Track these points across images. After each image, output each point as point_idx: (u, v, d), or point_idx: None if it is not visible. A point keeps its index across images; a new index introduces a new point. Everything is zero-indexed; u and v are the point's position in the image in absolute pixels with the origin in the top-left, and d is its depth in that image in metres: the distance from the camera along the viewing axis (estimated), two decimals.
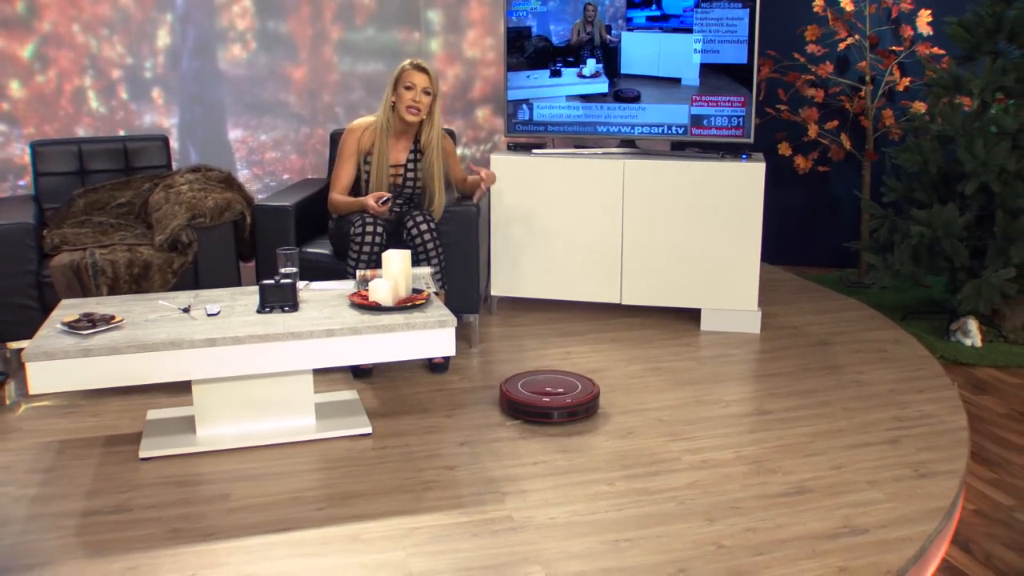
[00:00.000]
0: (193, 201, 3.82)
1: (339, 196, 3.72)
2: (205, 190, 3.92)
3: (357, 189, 3.78)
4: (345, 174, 3.72)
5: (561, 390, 3.09)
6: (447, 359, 3.60)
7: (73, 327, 2.76)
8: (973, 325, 4.38)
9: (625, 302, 4.22)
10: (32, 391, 2.57)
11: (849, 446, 2.92)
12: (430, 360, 3.59)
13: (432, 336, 2.82)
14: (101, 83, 4.68)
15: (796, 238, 5.79)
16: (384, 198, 3.52)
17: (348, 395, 3.27)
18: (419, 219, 3.51)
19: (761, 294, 4.70)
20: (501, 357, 3.74)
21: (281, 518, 2.46)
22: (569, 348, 3.85)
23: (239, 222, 3.86)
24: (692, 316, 4.27)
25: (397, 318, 2.83)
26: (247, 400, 2.93)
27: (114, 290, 3.59)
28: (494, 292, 4.34)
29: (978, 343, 4.35)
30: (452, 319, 2.83)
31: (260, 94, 4.95)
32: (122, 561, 2.27)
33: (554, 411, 2.99)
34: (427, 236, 3.49)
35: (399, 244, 3.58)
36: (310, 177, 4.64)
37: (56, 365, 2.59)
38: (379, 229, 3.51)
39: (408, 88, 3.56)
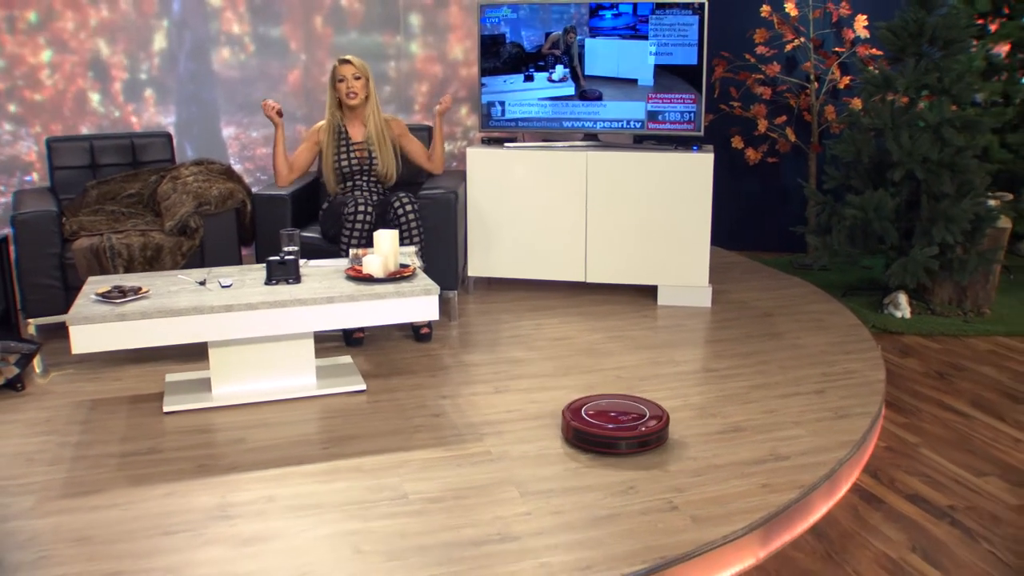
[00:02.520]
0: (199, 191, 4.22)
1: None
2: (209, 181, 4.33)
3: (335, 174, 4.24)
4: (299, 153, 4.22)
5: (631, 416, 2.91)
6: (431, 329, 4.02)
7: (106, 297, 3.16)
8: (903, 299, 4.86)
9: (590, 280, 4.66)
10: (74, 351, 2.97)
11: (781, 396, 3.38)
12: (415, 330, 4.02)
13: (418, 302, 3.25)
14: (103, 85, 5.07)
15: (749, 224, 6.26)
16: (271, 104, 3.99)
17: (344, 359, 3.69)
18: (404, 200, 3.95)
19: (714, 275, 5.17)
20: (479, 329, 4.18)
21: (293, 455, 2.88)
22: (540, 321, 4.30)
23: (240, 209, 4.27)
24: (650, 292, 4.73)
25: (388, 287, 3.26)
26: (257, 362, 3.35)
27: (129, 270, 3.99)
28: (471, 272, 4.77)
29: (907, 315, 4.84)
30: (436, 288, 3.27)
31: (251, 94, 5.34)
32: (161, 488, 2.68)
33: (622, 440, 2.79)
34: (411, 216, 3.93)
35: (384, 224, 4.00)
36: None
37: (95, 328, 2.99)
38: (369, 210, 3.93)
39: (341, 80, 4.10)
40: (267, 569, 2.24)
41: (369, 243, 3.92)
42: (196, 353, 3.83)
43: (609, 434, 2.78)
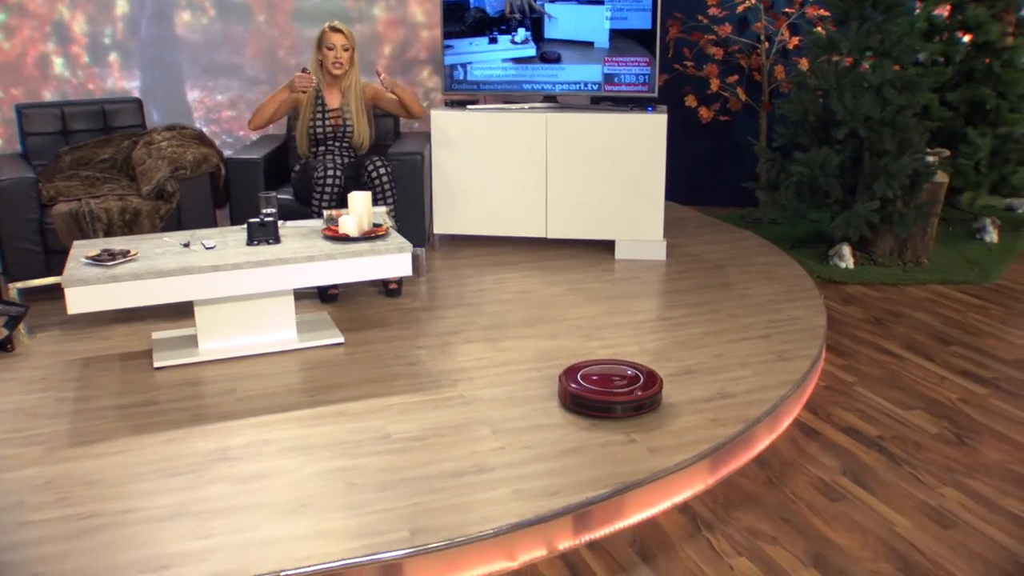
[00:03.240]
0: (174, 156, 4.45)
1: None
2: (183, 146, 4.56)
3: (307, 142, 4.48)
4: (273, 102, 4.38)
5: (624, 381, 3.08)
6: (400, 285, 4.32)
7: (97, 260, 3.41)
8: (847, 250, 5.25)
9: (550, 236, 4.98)
10: (70, 311, 3.23)
11: (729, 341, 3.74)
12: (386, 286, 4.31)
13: (393, 259, 3.54)
14: (63, 49, 5.20)
15: (703, 181, 6.61)
16: (303, 72, 4.19)
17: (321, 315, 3.98)
18: (378, 163, 4.22)
19: (669, 229, 5.50)
20: (446, 284, 4.49)
21: (281, 403, 3.18)
22: (503, 276, 4.62)
23: (215, 173, 4.51)
24: (608, 247, 5.06)
25: (364, 246, 3.55)
26: (240, 318, 3.62)
27: (108, 234, 4.21)
28: (436, 230, 5.07)
29: (851, 265, 5.23)
30: (409, 245, 3.56)
31: (215, 57, 5.52)
32: (161, 436, 2.97)
33: (618, 405, 2.98)
34: (385, 178, 4.21)
35: (357, 186, 4.28)
36: (271, 133, 5.26)
37: (89, 290, 3.25)
38: (338, 173, 4.20)
39: (330, 48, 4.36)
40: (270, 502, 2.55)
41: (340, 205, 4.19)
42: (178, 312, 4.09)
43: (605, 398, 2.99)
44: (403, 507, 2.49)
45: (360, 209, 3.65)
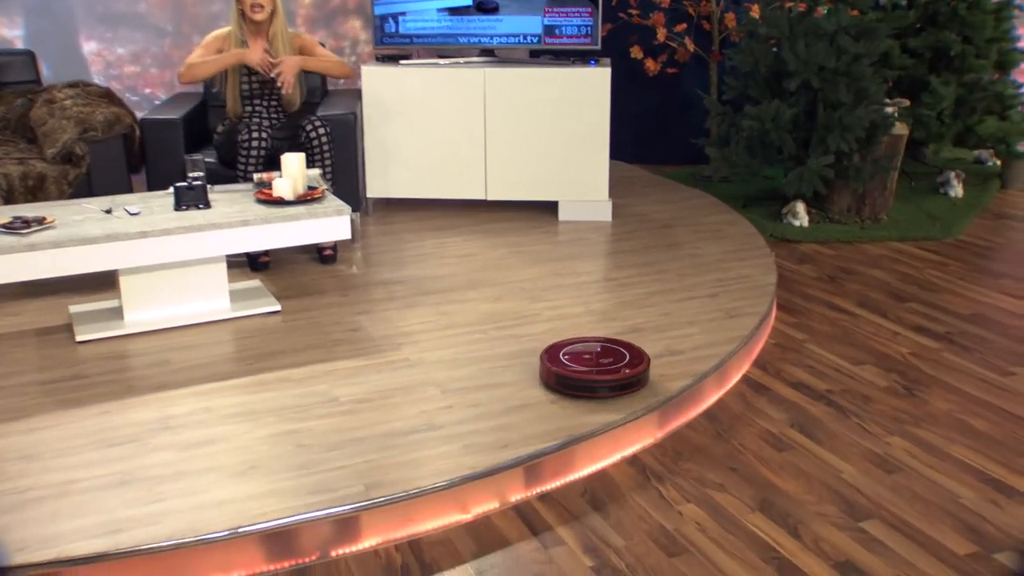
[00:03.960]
0: (81, 116, 4.71)
1: (198, 56, 4.53)
2: (90, 105, 4.82)
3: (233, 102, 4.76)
4: (210, 51, 4.56)
5: (610, 360, 3.34)
6: (336, 252, 4.66)
7: (10, 228, 3.68)
8: (801, 208, 5.71)
9: (490, 198, 5.36)
10: None
11: (677, 300, 4.16)
12: (320, 253, 4.65)
13: (331, 223, 3.88)
14: None
15: (651, 138, 7.03)
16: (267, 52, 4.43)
17: (253, 283, 4.31)
18: (317, 124, 4.54)
19: (615, 189, 5.92)
20: (382, 249, 4.84)
21: (220, 372, 3.51)
22: (442, 240, 4.98)
23: (128, 135, 4.79)
24: (551, 208, 5.46)
25: (300, 209, 3.88)
26: (169, 287, 3.93)
27: (9, 201, 4.44)
28: (369, 194, 5.41)
29: (805, 223, 5.69)
30: (347, 208, 3.91)
31: (112, 5, 5.66)
32: (95, 408, 3.27)
33: (603, 384, 3.23)
34: (324, 140, 4.53)
35: (289, 148, 4.59)
36: (187, 91, 5.52)
37: (4, 260, 3.52)
38: (264, 135, 4.50)
39: None
40: (219, 465, 2.89)
41: (267, 168, 4.50)
42: (94, 284, 4.38)
43: (590, 378, 3.23)
44: (356, 464, 2.85)
45: (294, 171, 3.98)
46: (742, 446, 3.23)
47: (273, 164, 4.49)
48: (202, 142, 5.05)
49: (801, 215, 5.68)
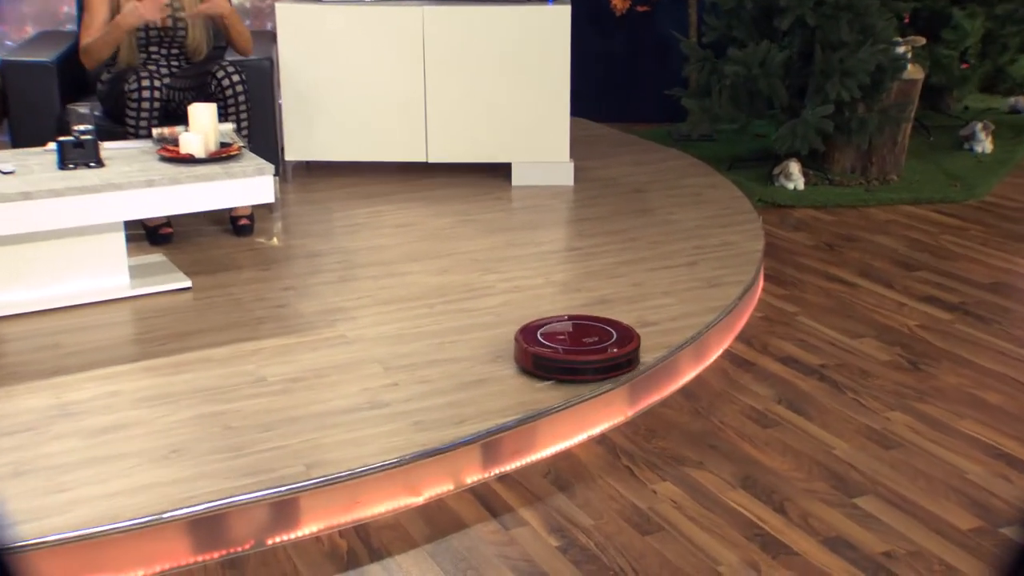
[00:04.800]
0: None
1: (91, 30, 4.84)
2: None
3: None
4: (100, 15, 4.87)
5: (595, 339, 3.69)
6: (253, 221, 5.03)
7: None
8: (795, 168, 6.15)
9: (432, 160, 5.75)
10: None
11: (649, 269, 4.59)
12: (234, 223, 5.01)
13: (252, 184, 4.25)
14: None
15: (619, 90, 7.45)
16: None
17: (156, 257, 4.66)
18: (231, 70, 4.89)
19: (577, 149, 6.31)
20: (307, 219, 5.23)
21: (126, 354, 3.86)
22: (377, 208, 5.38)
23: None
24: (503, 171, 5.86)
25: (215, 168, 4.25)
26: (55, 261, 4.24)
27: None
28: (288, 157, 5.77)
29: (801, 186, 6.13)
30: (270, 167, 4.27)
31: None
32: None
33: (589, 366, 3.59)
34: (239, 89, 4.89)
35: (195, 99, 4.91)
36: (57, 29, 5.79)
37: None
38: (156, 83, 4.83)
39: None
40: (134, 451, 3.24)
41: (163, 123, 4.83)
42: None
43: (573, 358, 3.56)
44: (294, 444, 3.23)
45: (205, 125, 4.34)
46: (722, 423, 3.65)
47: (170, 119, 4.81)
48: (82, 91, 5.29)
49: (795, 177, 6.11)
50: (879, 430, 3.63)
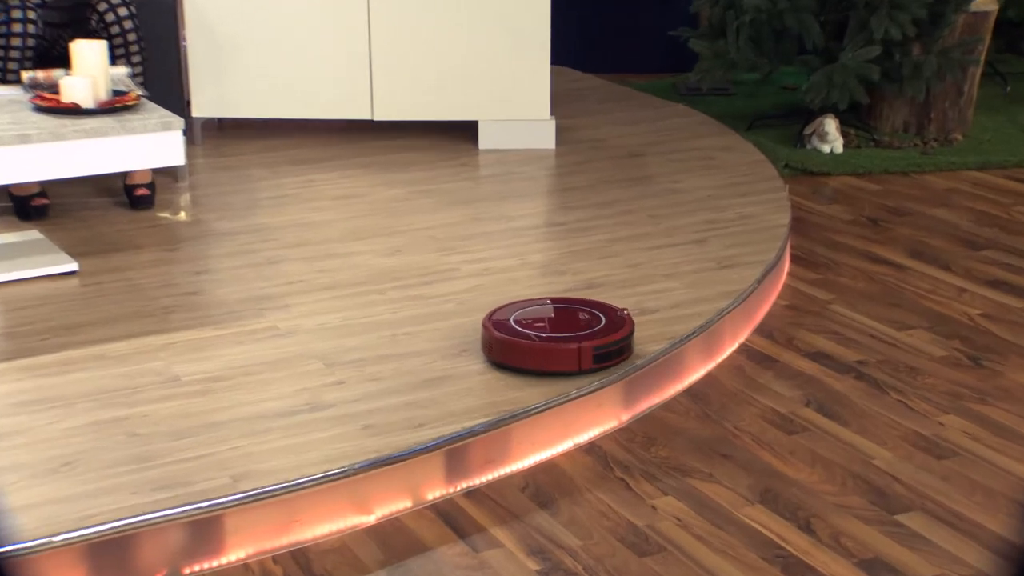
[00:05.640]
0: None
1: None
2: None
3: None
4: None
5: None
6: (153, 192, 5.24)
7: None
8: (831, 126, 6.35)
9: (379, 118, 5.95)
10: None
11: (649, 248, 4.84)
12: (129, 193, 5.21)
13: (155, 142, 4.44)
14: None
15: (613, 34, 7.60)
16: None
17: (31, 235, 4.83)
18: (115, 2, 5.06)
19: (561, 105, 6.47)
20: (222, 189, 5.45)
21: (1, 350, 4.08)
22: (311, 176, 5.60)
23: None
24: (467, 131, 6.07)
25: (108, 121, 4.42)
26: None
27: None
28: (196, 112, 5.95)
29: (839, 148, 6.35)
30: (178, 121, 4.47)
31: None
32: None
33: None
34: (128, 25, 5.09)
35: (77, 36, 5.07)
36: None
37: None
38: (31, 17, 5.00)
39: None
40: (14, 464, 3.36)
41: (38, 66, 4.99)
42: None
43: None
44: (217, 452, 3.44)
45: (93, 67, 4.52)
46: (737, 429, 3.90)
47: (42, 63, 4.95)
48: None
49: (832, 137, 6.32)
50: (929, 437, 3.86)
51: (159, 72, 5.36)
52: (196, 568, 3.19)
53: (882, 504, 3.51)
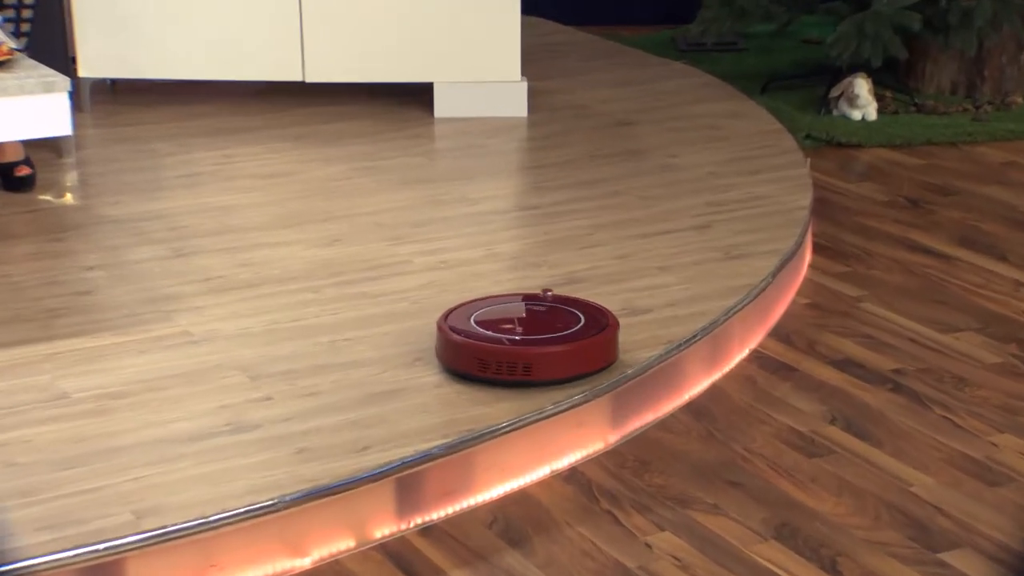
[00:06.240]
0: None
1: None
2: None
3: None
4: None
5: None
6: (33, 170, 5.24)
7: None
8: (863, 87, 6.38)
9: (311, 79, 5.97)
10: None
11: (640, 235, 4.87)
12: (3, 173, 5.20)
13: (35, 106, 4.43)
14: None
15: None
16: None
17: None
18: None
19: (534, 63, 6.45)
20: (119, 167, 5.45)
21: None
22: (229, 151, 5.62)
23: None
24: (421, 96, 6.11)
25: None
26: None
27: None
28: (83, 72, 5.92)
29: (872, 114, 6.39)
30: (63, 80, 4.45)
31: None
32: None
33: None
34: None
35: None
36: None
37: None
38: None
39: None
40: None
41: None
42: None
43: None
44: (117, 484, 3.43)
45: None
46: (748, 451, 3.94)
47: None
48: None
49: (863, 101, 6.37)
50: (980, 460, 3.89)
51: (38, 20, 5.34)
52: None
53: (923, 540, 3.52)
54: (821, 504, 3.69)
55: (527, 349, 3.94)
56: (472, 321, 4.02)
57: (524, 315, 4.11)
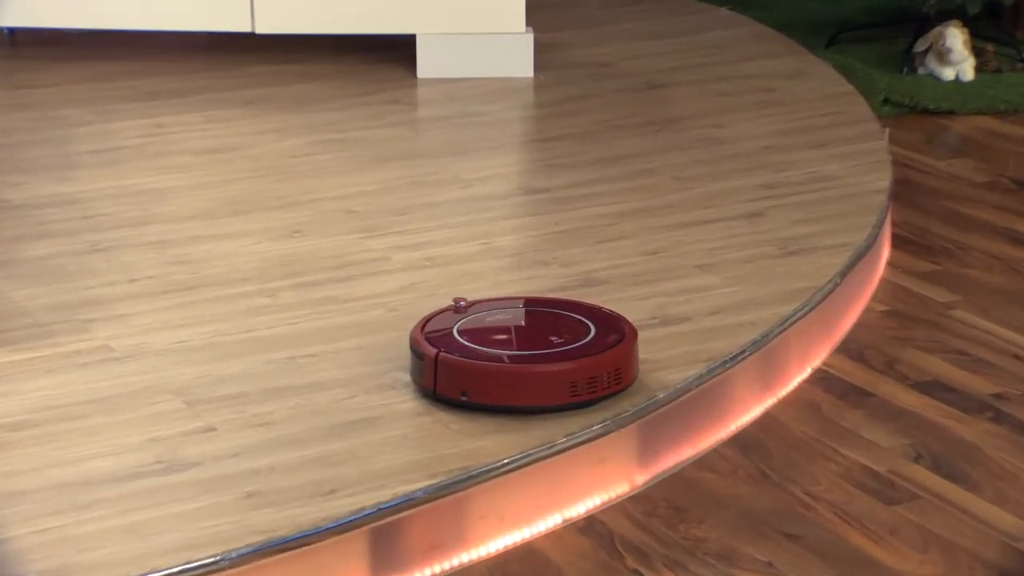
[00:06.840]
0: None
1: None
2: None
3: None
4: None
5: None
6: None
7: None
8: (956, 39, 6.39)
9: (263, 31, 6.03)
10: None
11: (677, 225, 4.87)
12: None
13: None
14: None
15: None
16: None
17: None
18: None
19: (542, 13, 6.48)
20: (20, 138, 5.46)
21: None
22: (160, 119, 5.63)
23: None
24: (400, 52, 6.16)
25: None
26: None
27: None
28: None
29: (968, 73, 6.42)
30: None
31: None
32: None
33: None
34: None
35: None
36: None
37: None
38: None
39: None
40: None
41: None
42: None
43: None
44: (19, 536, 3.41)
45: None
46: (810, 496, 3.94)
47: None
48: None
49: (958, 56, 6.38)
50: None
51: None
52: None
53: None
54: (902, 562, 3.68)
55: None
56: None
57: (522, 323, 4.08)
